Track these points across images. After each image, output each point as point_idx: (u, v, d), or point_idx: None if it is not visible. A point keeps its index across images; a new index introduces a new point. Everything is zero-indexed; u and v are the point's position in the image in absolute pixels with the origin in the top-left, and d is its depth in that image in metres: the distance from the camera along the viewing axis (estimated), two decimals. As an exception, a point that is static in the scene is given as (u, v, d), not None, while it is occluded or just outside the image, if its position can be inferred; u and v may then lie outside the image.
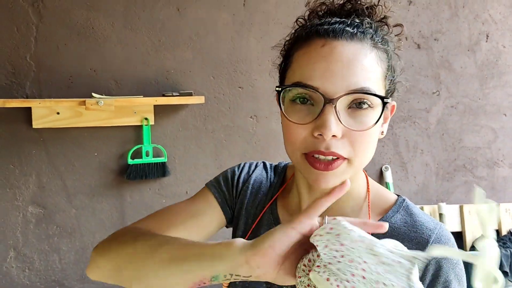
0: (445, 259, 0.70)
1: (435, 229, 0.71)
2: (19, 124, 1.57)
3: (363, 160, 0.68)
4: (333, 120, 0.63)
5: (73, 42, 1.60)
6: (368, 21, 0.69)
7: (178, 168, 1.76)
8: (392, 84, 0.72)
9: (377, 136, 0.69)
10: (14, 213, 1.59)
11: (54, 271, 1.65)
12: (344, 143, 0.64)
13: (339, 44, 0.65)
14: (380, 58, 0.67)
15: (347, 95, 0.63)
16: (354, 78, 0.63)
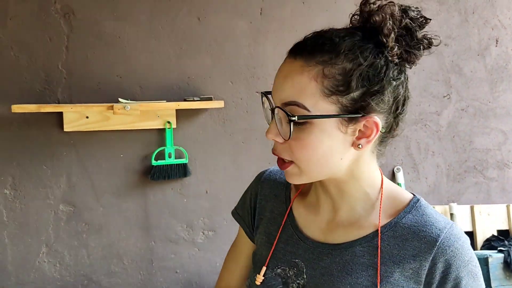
0: (457, 257, 0.71)
1: (445, 228, 0.73)
2: (52, 127, 1.66)
3: (309, 167, 0.72)
4: (271, 127, 0.72)
5: (101, 50, 1.70)
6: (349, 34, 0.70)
7: (198, 169, 1.84)
8: (359, 98, 0.70)
9: (326, 149, 0.71)
10: (46, 210, 1.69)
11: (83, 266, 1.74)
12: (285, 149, 0.72)
13: (288, 61, 0.72)
14: (325, 74, 0.68)
15: (278, 108, 0.70)
16: (284, 93, 0.70)
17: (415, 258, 0.71)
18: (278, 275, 0.82)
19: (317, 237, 0.80)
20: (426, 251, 0.71)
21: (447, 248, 0.71)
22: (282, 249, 0.83)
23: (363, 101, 0.69)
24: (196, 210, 1.85)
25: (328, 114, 0.69)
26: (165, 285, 1.83)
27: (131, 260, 1.79)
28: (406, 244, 0.73)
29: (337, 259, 0.76)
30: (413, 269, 0.71)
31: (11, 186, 1.64)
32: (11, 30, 1.60)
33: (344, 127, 0.70)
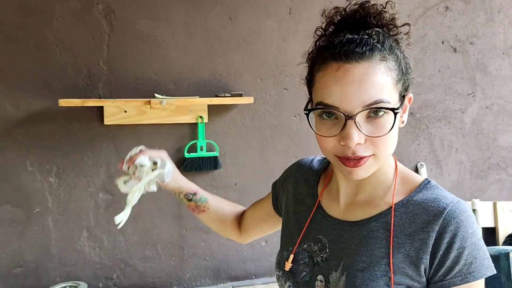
0: (461, 228, 0.76)
1: (451, 203, 0.78)
2: (93, 121, 1.76)
3: (387, 153, 0.79)
4: (354, 133, 0.74)
5: (139, 49, 1.79)
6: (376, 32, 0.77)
7: (228, 162, 1.93)
8: (405, 83, 0.80)
9: (396, 131, 0.79)
10: (87, 198, 1.79)
11: (120, 251, 1.84)
12: (367, 146, 0.76)
13: (351, 66, 0.74)
14: (389, 68, 0.76)
15: (363, 110, 0.74)
16: (367, 94, 0.73)
17: (423, 229, 0.78)
18: (304, 250, 0.91)
19: (338, 216, 0.89)
20: (433, 222, 0.77)
21: (452, 219, 0.76)
22: (308, 227, 0.92)
23: (406, 83, 0.81)
24: (225, 201, 1.94)
25: (399, 100, 0.78)
26: (195, 271, 1.92)
27: (164, 246, 1.89)
28: (416, 218, 0.79)
29: (355, 234, 0.84)
30: (421, 239, 0.77)
31: (55, 175, 1.75)
32: (57, 30, 1.70)
33: (404, 104, 0.80)
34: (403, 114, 0.83)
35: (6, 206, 1.71)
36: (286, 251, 0.94)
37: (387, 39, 0.78)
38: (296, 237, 0.94)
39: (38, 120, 1.70)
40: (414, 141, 2.14)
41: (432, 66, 2.13)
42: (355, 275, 0.81)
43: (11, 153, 1.69)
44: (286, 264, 0.91)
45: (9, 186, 1.70)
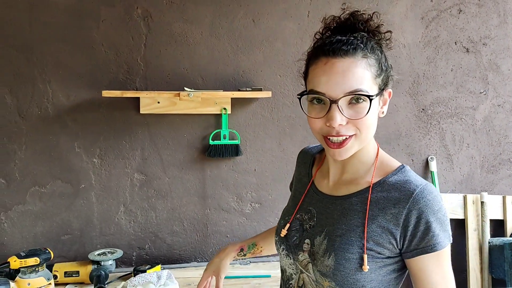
0: (428, 206, 0.90)
1: (421, 185, 0.92)
2: (130, 110, 2.00)
3: (367, 134, 0.95)
4: (337, 115, 0.90)
5: (172, 47, 2.03)
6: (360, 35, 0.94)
7: (248, 150, 2.13)
8: (384, 78, 0.97)
9: (375, 117, 0.96)
10: (124, 178, 2.05)
11: (151, 225, 2.09)
12: (349, 127, 0.93)
13: (337, 61, 0.90)
14: (370, 64, 0.93)
15: (345, 96, 0.90)
16: (348, 84, 0.90)
17: (395, 205, 0.92)
18: (297, 219, 1.10)
19: (326, 191, 1.08)
20: (404, 200, 0.92)
21: (421, 199, 0.90)
22: (302, 201, 1.12)
23: (386, 79, 0.97)
24: (245, 185, 2.14)
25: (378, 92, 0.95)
26: (217, 247, 2.14)
27: (190, 223, 2.12)
28: (389, 195, 0.94)
29: (338, 207, 1.02)
30: (393, 214, 0.93)
31: (98, 156, 2.02)
32: (103, 31, 1.97)
33: (379, 100, 0.97)
34: (384, 106, 1.00)
35: (57, 181, 1.99)
36: (283, 221, 1.13)
37: (370, 41, 0.95)
38: (293, 209, 1.13)
39: (85, 108, 1.98)
40: (426, 135, 2.27)
41: (445, 65, 2.25)
42: (334, 239, 0.98)
43: (62, 136, 1.98)
44: (282, 231, 1.10)
45: (60, 165, 1.99)
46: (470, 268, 2.22)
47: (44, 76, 1.93)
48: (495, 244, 2.17)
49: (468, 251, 2.23)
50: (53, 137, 1.96)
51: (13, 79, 1.91)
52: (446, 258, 0.93)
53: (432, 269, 0.92)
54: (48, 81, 1.94)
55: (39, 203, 1.98)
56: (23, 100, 1.92)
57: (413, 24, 2.20)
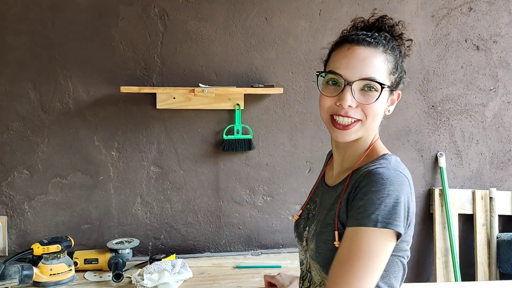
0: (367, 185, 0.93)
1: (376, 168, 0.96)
2: (147, 105, 2.07)
3: (372, 122, 1.03)
4: (348, 96, 1.00)
5: (187, 45, 2.10)
6: (384, 35, 1.04)
7: (261, 144, 2.18)
8: (397, 78, 1.06)
9: (382, 109, 1.04)
10: (141, 170, 2.12)
11: (167, 216, 2.17)
12: (357, 110, 1.01)
13: (359, 48, 1.01)
14: (388, 60, 1.02)
15: (359, 80, 0.99)
16: (365, 70, 0.99)
17: (353, 185, 0.99)
18: (307, 208, 1.19)
19: (329, 182, 1.15)
20: (358, 179, 0.99)
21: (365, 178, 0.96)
22: (314, 193, 1.20)
23: (398, 81, 1.06)
24: (258, 179, 2.20)
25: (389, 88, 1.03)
26: (230, 238, 2.21)
27: (204, 214, 2.19)
28: (355, 179, 1.01)
29: (329, 196, 1.10)
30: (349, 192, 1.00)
31: (116, 149, 2.10)
32: (121, 29, 2.05)
33: (388, 97, 1.05)
34: (390, 106, 1.08)
35: (77, 173, 2.08)
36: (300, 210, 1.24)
37: (391, 42, 1.05)
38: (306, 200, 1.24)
39: (104, 103, 2.06)
40: (435, 132, 2.30)
41: (455, 63, 2.28)
42: (318, 224, 1.07)
43: (82, 130, 2.07)
44: (295, 216, 1.22)
45: (80, 157, 2.08)
46: (478, 263, 2.26)
47: (65, 72, 2.02)
48: (503, 239, 2.20)
49: (476, 246, 2.27)
50: (73, 131, 2.05)
51: (36, 75, 2.00)
52: (365, 239, 0.90)
53: (347, 242, 0.93)
54: (70, 77, 2.02)
55: (61, 193, 2.07)
56: (46, 95, 2.02)
57: (424, 22, 2.24)
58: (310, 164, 2.23)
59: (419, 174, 2.30)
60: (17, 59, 1.98)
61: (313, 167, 2.23)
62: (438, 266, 2.24)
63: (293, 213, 2.25)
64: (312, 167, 2.23)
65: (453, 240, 2.21)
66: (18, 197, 2.04)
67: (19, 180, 2.03)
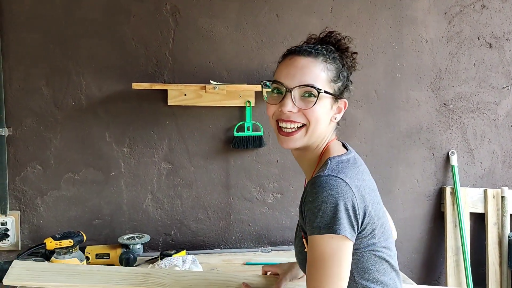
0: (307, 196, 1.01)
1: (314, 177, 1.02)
2: (159, 102, 2.07)
3: (315, 127, 1.09)
4: (289, 102, 1.07)
5: (198, 42, 2.10)
6: (326, 47, 1.12)
7: (271, 141, 2.17)
8: (341, 87, 1.12)
9: (325, 115, 1.10)
10: (152, 166, 2.13)
11: (177, 212, 2.17)
12: (300, 115, 1.08)
13: (299, 57, 1.09)
14: (328, 68, 1.09)
15: (298, 87, 1.06)
16: (303, 78, 1.07)
17: (302, 195, 1.08)
18: None
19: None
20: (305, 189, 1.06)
21: (308, 190, 1.03)
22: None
23: (342, 89, 1.13)
24: (268, 175, 2.20)
25: (331, 96, 1.10)
26: (240, 235, 2.22)
27: (214, 211, 2.20)
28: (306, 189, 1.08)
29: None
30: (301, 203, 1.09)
31: (128, 145, 2.11)
32: (133, 26, 2.06)
33: (332, 105, 1.12)
34: (337, 114, 1.14)
35: (89, 169, 2.10)
36: None
37: (333, 53, 1.12)
38: None
39: (116, 100, 2.07)
40: (447, 130, 2.29)
41: (467, 60, 2.26)
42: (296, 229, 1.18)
43: (94, 126, 2.08)
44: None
45: (92, 153, 2.09)
46: (489, 262, 2.24)
47: (78, 68, 2.04)
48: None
49: (487, 245, 2.25)
50: (86, 127, 2.07)
51: (49, 71, 2.02)
52: (318, 246, 0.98)
53: (310, 249, 1.01)
54: (82, 73, 2.04)
55: (73, 189, 2.09)
56: (59, 91, 2.04)
57: (436, 19, 2.22)
58: (321, 161, 2.23)
59: (431, 172, 2.28)
60: (30, 55, 2.00)
61: (324, 164, 2.23)
62: (449, 265, 2.23)
63: (303, 211, 2.25)
64: (322, 165, 2.23)
65: (464, 239, 2.20)
66: (31, 192, 2.06)
67: (32, 175, 2.06)
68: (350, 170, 1.05)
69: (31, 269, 1.37)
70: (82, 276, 1.35)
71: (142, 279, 1.35)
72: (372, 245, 1.06)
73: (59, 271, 1.37)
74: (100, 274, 1.36)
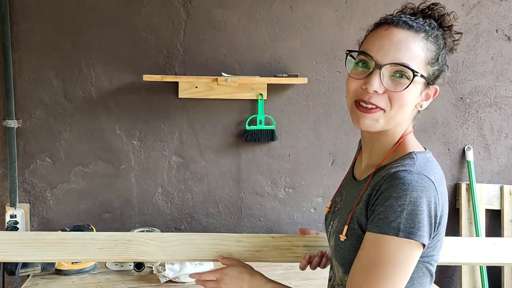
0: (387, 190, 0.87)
1: (398, 171, 0.88)
2: (169, 94, 2.04)
3: (396, 113, 0.93)
4: (376, 80, 0.90)
5: (210, 33, 2.06)
6: (430, 22, 0.95)
7: (283, 135, 2.15)
8: (436, 71, 0.95)
9: (411, 101, 0.94)
10: (162, 160, 2.10)
11: (188, 206, 2.15)
12: (383, 98, 0.92)
13: (397, 30, 0.91)
14: (428, 48, 0.92)
15: (391, 65, 0.90)
16: (398, 55, 0.90)
17: (374, 187, 0.93)
18: (334, 201, 1.15)
19: (357, 176, 1.11)
20: (380, 181, 0.91)
21: (387, 183, 0.89)
22: (342, 185, 1.16)
23: (437, 74, 0.95)
24: (280, 170, 2.17)
25: (424, 80, 0.92)
26: (251, 230, 2.19)
27: (225, 206, 2.17)
28: (376, 179, 0.94)
29: (354, 191, 1.05)
30: (369, 194, 0.93)
31: (138, 138, 2.08)
32: (144, 16, 2.02)
33: (422, 90, 0.95)
34: (424, 101, 0.98)
35: (99, 162, 2.08)
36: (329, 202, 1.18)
37: (437, 31, 0.95)
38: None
39: (126, 92, 2.04)
40: (463, 124, 2.24)
41: (485, 53, 2.20)
42: (339, 221, 1.02)
43: (104, 118, 2.05)
44: (325, 209, 1.17)
45: (102, 146, 2.07)
46: (505, 260, 2.20)
47: (88, 60, 2.00)
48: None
49: (503, 243, 2.21)
50: (96, 119, 2.04)
51: (59, 63, 1.99)
52: (387, 248, 0.86)
53: (367, 248, 0.90)
54: (92, 64, 2.01)
55: (82, 182, 2.07)
56: (69, 83, 2.01)
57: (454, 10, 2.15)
58: (334, 156, 2.19)
59: (446, 168, 2.24)
60: (40, 45, 1.97)
61: (336, 159, 2.19)
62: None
63: (315, 206, 2.21)
64: (335, 159, 2.19)
65: (480, 236, 2.15)
66: (41, 185, 2.04)
67: (42, 168, 2.03)
68: (437, 172, 0.93)
69: None
70: (53, 247, 1.19)
71: (122, 248, 1.20)
72: (430, 257, 0.95)
73: (28, 243, 1.20)
74: (75, 244, 1.20)
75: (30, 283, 1.71)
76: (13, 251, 1.19)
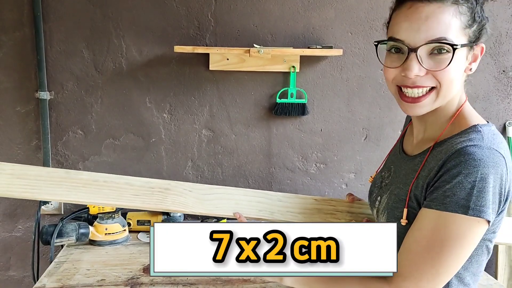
0: (457, 167, 0.81)
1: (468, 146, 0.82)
2: (200, 66, 2.01)
3: (448, 89, 0.87)
4: (414, 64, 0.85)
5: (242, 3, 1.98)
6: None
7: (315, 109, 2.10)
8: (477, 31, 0.88)
9: (459, 72, 0.88)
10: (192, 133, 2.08)
11: (217, 181, 2.13)
12: (429, 77, 0.87)
13: (422, 5, 0.84)
14: (460, 12, 0.85)
15: (426, 44, 0.84)
16: (431, 31, 0.84)
17: (437, 161, 0.86)
18: (380, 175, 1.10)
19: (408, 151, 1.05)
20: (444, 157, 0.85)
21: (455, 158, 0.83)
22: (388, 159, 1.11)
23: (479, 32, 0.89)
24: (311, 145, 2.13)
25: (467, 45, 0.86)
26: (281, 205, 2.16)
27: (255, 180, 2.14)
28: (439, 155, 0.88)
29: (406, 166, 0.99)
30: (430, 169, 0.87)
31: (168, 111, 2.06)
32: (174, -14, 1.98)
33: (467, 55, 0.89)
34: (473, 63, 0.91)
35: (130, 135, 2.07)
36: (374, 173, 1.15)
37: None
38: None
39: (157, 64, 2.01)
40: (505, 99, 2.14)
41: (531, 24, 2.08)
42: (390, 198, 0.97)
43: (135, 91, 2.03)
44: (369, 178, 1.14)
45: (133, 119, 2.06)
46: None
47: (118, 31, 1.98)
48: None
49: (544, 223, 2.12)
50: (126, 92, 2.03)
51: (90, 34, 1.97)
52: (454, 227, 0.82)
53: (428, 227, 0.84)
54: (122, 36, 1.98)
55: (113, 154, 2.07)
56: (99, 55, 1.99)
57: (499, -22, 2.04)
58: (367, 131, 2.13)
59: (485, 144, 2.15)
60: (71, 17, 1.95)
61: (370, 134, 2.13)
62: (500, 249, 2.12)
63: (346, 182, 2.17)
64: (368, 134, 2.13)
65: (519, 216, 2.07)
66: (73, 157, 2.05)
67: (74, 140, 2.04)
68: (505, 146, 0.87)
69: (22, 177, 1.11)
70: (87, 189, 1.12)
71: (159, 197, 1.14)
72: (492, 234, 0.91)
73: (58, 181, 1.12)
74: (108, 187, 1.13)
75: (65, 252, 1.73)
76: (43, 189, 1.10)
